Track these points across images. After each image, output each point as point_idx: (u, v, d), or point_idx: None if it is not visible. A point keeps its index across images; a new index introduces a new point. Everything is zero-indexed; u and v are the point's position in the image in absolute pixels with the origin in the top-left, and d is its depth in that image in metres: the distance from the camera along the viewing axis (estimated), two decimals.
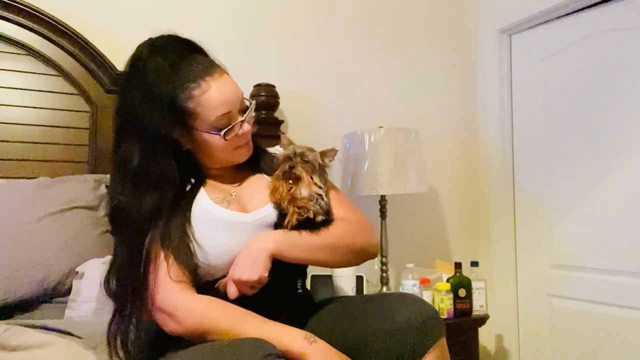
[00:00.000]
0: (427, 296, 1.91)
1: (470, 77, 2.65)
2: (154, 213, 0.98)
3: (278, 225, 1.08)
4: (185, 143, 1.08)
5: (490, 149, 2.58)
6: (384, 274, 2.05)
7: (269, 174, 1.17)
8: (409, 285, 1.93)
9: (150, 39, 1.06)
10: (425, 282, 1.95)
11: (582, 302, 2.18)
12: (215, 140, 1.06)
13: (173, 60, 1.02)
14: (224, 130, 1.05)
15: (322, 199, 1.10)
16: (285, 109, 2.13)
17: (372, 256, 1.18)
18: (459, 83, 2.62)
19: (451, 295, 1.93)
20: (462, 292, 1.96)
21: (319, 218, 1.07)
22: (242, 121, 1.08)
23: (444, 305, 1.90)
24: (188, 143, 1.08)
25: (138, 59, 1.03)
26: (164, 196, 1.00)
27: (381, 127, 2.00)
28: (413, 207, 2.41)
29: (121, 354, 0.98)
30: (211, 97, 1.02)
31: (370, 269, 2.07)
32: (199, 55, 1.07)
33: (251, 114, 1.11)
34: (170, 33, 1.07)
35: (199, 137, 1.06)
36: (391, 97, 2.43)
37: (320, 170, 1.14)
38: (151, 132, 0.99)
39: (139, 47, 1.05)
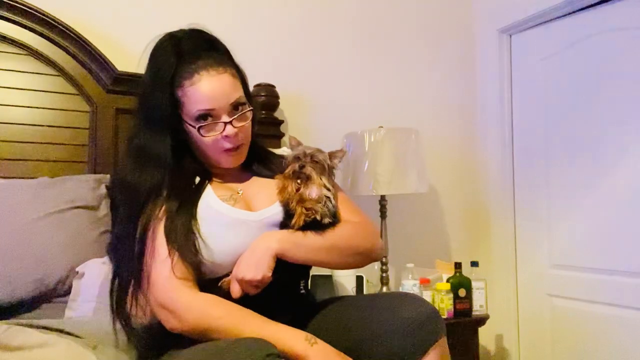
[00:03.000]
0: (427, 296, 1.91)
1: (470, 77, 2.65)
2: (151, 189, 1.02)
3: (284, 224, 1.08)
4: (180, 132, 1.09)
5: (490, 149, 2.58)
6: (384, 274, 2.05)
7: (275, 175, 1.17)
8: (409, 285, 1.93)
9: (178, 29, 1.10)
10: (425, 282, 1.95)
11: (582, 302, 2.18)
12: (195, 135, 1.08)
13: (185, 50, 1.07)
14: (199, 126, 1.06)
15: (330, 201, 1.10)
16: (285, 109, 2.13)
17: (376, 259, 1.19)
18: (459, 83, 2.62)
19: (451, 295, 1.93)
20: (462, 292, 1.96)
21: (326, 220, 1.07)
22: (227, 123, 1.07)
23: (444, 305, 1.90)
24: (181, 133, 1.10)
25: (158, 43, 1.08)
26: (160, 176, 1.03)
27: (381, 127, 2.00)
28: (413, 207, 2.41)
29: (123, 315, 1.00)
30: (196, 90, 1.05)
31: (370, 269, 2.07)
32: (215, 52, 1.10)
33: (244, 121, 1.10)
34: (198, 27, 1.11)
35: (186, 129, 1.09)
36: (391, 97, 2.43)
37: (329, 172, 1.15)
38: (152, 111, 1.05)
39: (164, 34, 1.10)
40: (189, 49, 1.07)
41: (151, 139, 1.05)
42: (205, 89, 1.05)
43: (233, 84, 1.09)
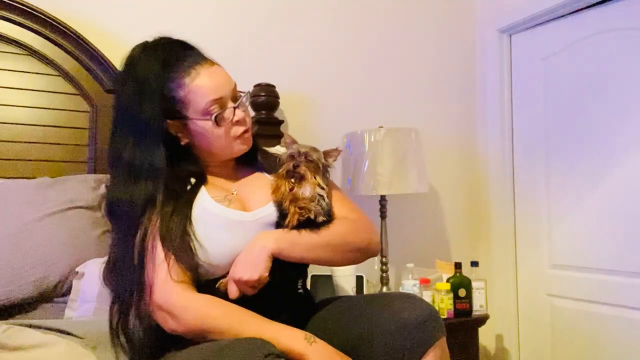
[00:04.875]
0: (427, 296, 1.91)
1: (470, 77, 2.65)
2: (146, 204, 1.00)
3: (279, 224, 1.08)
4: (182, 137, 1.08)
5: (490, 148, 2.58)
6: (384, 274, 2.05)
7: (269, 173, 1.17)
8: (409, 285, 1.93)
9: (145, 40, 1.09)
10: (425, 282, 1.95)
11: (582, 302, 2.18)
12: (209, 127, 1.07)
13: (164, 56, 1.05)
14: (215, 115, 1.05)
15: (324, 199, 1.10)
16: (285, 109, 2.13)
17: (373, 254, 1.19)
18: (459, 83, 2.62)
19: (451, 295, 1.93)
20: (462, 292, 1.96)
21: (320, 219, 1.07)
22: (235, 108, 1.08)
23: (444, 305, 1.90)
24: (185, 137, 1.09)
25: (131, 56, 1.06)
26: (155, 187, 1.01)
27: (381, 127, 2.00)
28: (413, 207, 2.41)
29: (122, 339, 0.99)
30: (201, 83, 1.04)
31: (370, 269, 2.07)
32: (190, 51, 1.09)
33: (246, 103, 1.12)
34: (163, 35, 1.10)
35: (194, 128, 1.07)
36: (391, 97, 2.43)
37: (324, 170, 1.14)
38: (142, 124, 1.02)
39: (133, 48, 1.08)
40: (169, 54, 1.05)
41: (142, 153, 1.02)
42: (209, 79, 1.05)
43: (226, 71, 1.11)
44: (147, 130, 1.02)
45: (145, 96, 1.02)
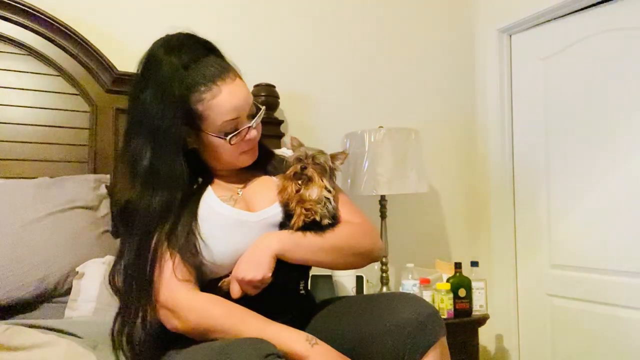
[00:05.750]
0: (427, 296, 1.91)
1: (470, 77, 2.65)
2: (163, 211, 0.99)
3: (283, 225, 1.08)
4: (191, 143, 1.08)
5: (490, 148, 2.58)
6: (384, 274, 2.05)
7: (275, 175, 1.17)
8: (409, 285, 1.93)
9: (167, 36, 1.06)
10: (425, 282, 1.95)
11: (582, 302, 2.18)
12: (220, 143, 1.07)
13: (187, 60, 1.02)
14: (230, 136, 1.05)
15: (330, 202, 1.10)
16: (285, 109, 2.13)
17: (376, 259, 1.19)
18: (459, 83, 2.62)
19: (451, 295, 1.93)
20: (462, 292, 1.96)
21: (325, 221, 1.07)
22: (250, 127, 1.08)
23: (444, 305, 1.90)
24: (194, 143, 1.09)
25: (152, 57, 1.03)
26: (173, 195, 1.00)
27: (381, 127, 2.00)
28: (413, 207, 2.41)
29: (126, 350, 0.98)
30: (221, 102, 1.03)
31: (370, 269, 2.06)
32: (213, 56, 1.07)
33: (259, 120, 1.12)
34: (187, 32, 1.07)
35: (205, 139, 1.07)
36: (391, 97, 2.43)
37: (330, 174, 1.15)
38: (163, 131, 1.00)
39: (154, 44, 1.05)
40: (191, 58, 1.02)
41: (163, 160, 1.00)
42: (229, 99, 1.03)
43: (246, 87, 1.09)
44: (167, 138, 1.00)
45: (166, 103, 1.00)
